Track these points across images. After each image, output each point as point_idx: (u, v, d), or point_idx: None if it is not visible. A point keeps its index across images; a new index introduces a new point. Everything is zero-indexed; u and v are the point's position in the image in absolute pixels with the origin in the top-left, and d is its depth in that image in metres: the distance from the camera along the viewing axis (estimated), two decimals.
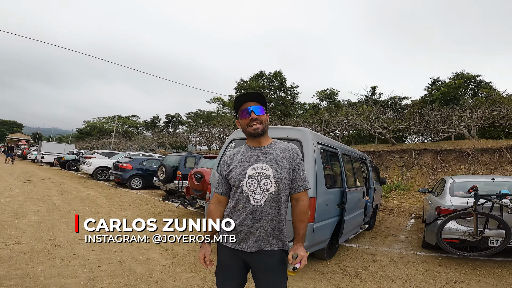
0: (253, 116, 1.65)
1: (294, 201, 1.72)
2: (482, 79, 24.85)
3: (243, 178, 1.64)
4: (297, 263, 1.61)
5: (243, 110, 1.68)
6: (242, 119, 1.70)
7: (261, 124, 1.67)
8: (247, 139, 1.77)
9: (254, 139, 1.71)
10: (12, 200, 7.31)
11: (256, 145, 1.72)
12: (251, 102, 1.69)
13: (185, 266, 3.77)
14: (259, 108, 1.68)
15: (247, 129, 1.69)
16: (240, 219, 1.64)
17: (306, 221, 1.71)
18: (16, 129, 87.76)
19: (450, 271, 4.27)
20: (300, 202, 1.69)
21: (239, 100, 1.71)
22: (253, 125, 1.66)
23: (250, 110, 1.66)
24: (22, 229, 4.85)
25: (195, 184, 6.73)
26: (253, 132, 1.67)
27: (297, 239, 1.67)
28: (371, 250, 5.13)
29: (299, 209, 1.69)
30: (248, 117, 1.66)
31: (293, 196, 1.71)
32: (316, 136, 4.01)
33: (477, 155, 11.66)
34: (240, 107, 1.70)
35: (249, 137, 1.73)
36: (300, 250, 1.64)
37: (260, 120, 1.67)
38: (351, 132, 23.59)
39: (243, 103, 1.70)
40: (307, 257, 1.70)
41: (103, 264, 3.61)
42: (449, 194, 4.92)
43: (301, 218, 1.68)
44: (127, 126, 52.88)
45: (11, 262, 3.44)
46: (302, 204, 1.69)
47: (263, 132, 1.68)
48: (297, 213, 1.69)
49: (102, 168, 14.34)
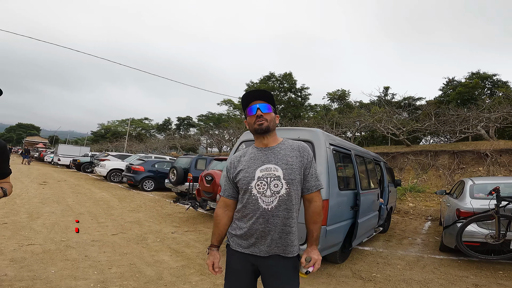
0: (259, 113, 1.59)
1: (307, 202, 1.64)
2: (499, 78, 24.15)
3: (251, 180, 1.57)
4: (310, 267, 1.55)
5: (249, 108, 1.63)
6: (248, 117, 1.65)
7: (265, 121, 1.60)
8: (255, 139, 1.70)
9: (261, 139, 1.65)
10: (28, 201, 7.46)
11: (264, 145, 1.65)
12: (257, 101, 1.63)
13: (194, 269, 3.72)
14: (265, 106, 1.61)
15: (253, 126, 1.63)
16: (250, 223, 1.57)
17: (320, 223, 1.63)
18: (34, 132, 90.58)
19: (471, 274, 4.09)
20: (313, 203, 1.62)
21: (245, 99, 1.65)
22: (259, 122, 1.60)
23: (256, 107, 1.60)
24: (36, 230, 4.92)
25: (205, 186, 6.70)
26: (257, 127, 1.60)
27: (311, 241, 1.60)
28: (385, 253, 4.97)
29: (312, 210, 1.61)
30: (254, 115, 1.61)
31: (306, 197, 1.63)
32: (329, 137, 3.90)
33: (496, 156, 11.24)
34: (247, 106, 1.65)
35: (256, 135, 1.67)
36: (314, 253, 1.57)
37: (266, 117, 1.60)
38: (363, 133, 23.22)
39: (250, 102, 1.64)
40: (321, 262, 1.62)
41: (114, 266, 3.60)
42: (469, 196, 4.72)
43: (314, 219, 1.61)
44: (140, 129, 53.75)
45: (23, 263, 3.47)
46: (315, 205, 1.62)
47: (267, 129, 1.60)
48: (310, 214, 1.62)
49: (116, 170, 14.57)
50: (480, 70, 24.53)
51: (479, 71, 24.60)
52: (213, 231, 1.71)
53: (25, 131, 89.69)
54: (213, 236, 1.70)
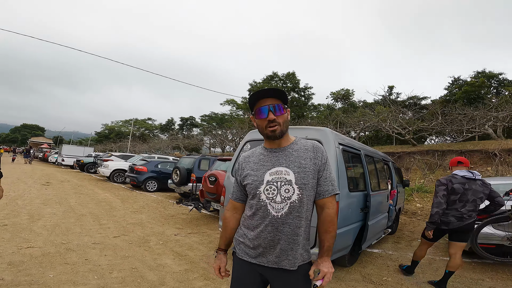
0: (271, 117, 1.42)
1: (319, 209, 1.49)
2: (505, 77, 23.85)
3: (260, 184, 1.43)
4: (318, 280, 1.38)
5: (259, 108, 1.44)
6: (258, 119, 1.46)
7: (279, 125, 1.43)
8: (264, 140, 1.55)
9: (272, 141, 1.50)
10: (30, 202, 7.38)
11: (274, 146, 1.50)
12: (268, 99, 1.44)
13: (198, 273, 3.58)
14: (277, 106, 1.43)
15: (264, 131, 1.46)
16: (258, 230, 1.43)
17: (333, 232, 1.45)
18: (38, 132, 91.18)
19: (486, 277, 3.93)
20: (326, 209, 1.46)
21: (254, 97, 1.46)
22: (271, 127, 1.43)
23: (267, 110, 1.42)
24: (37, 232, 4.81)
25: (209, 187, 6.57)
26: (270, 134, 1.44)
27: (322, 252, 1.44)
28: (395, 256, 4.80)
29: (324, 218, 1.45)
30: (265, 118, 1.43)
31: (318, 203, 1.48)
32: (338, 136, 3.75)
33: (504, 156, 11.00)
34: (256, 104, 1.46)
35: (267, 139, 1.52)
36: (324, 265, 1.41)
37: (279, 121, 1.43)
38: (367, 133, 22.99)
39: (259, 99, 1.45)
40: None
41: (115, 270, 3.47)
42: None
43: (326, 228, 1.45)
44: (143, 129, 53.80)
45: (22, 267, 3.35)
46: (327, 212, 1.45)
47: (281, 134, 1.45)
48: (322, 222, 1.46)
49: (119, 170, 14.49)
50: (486, 69, 24.29)
51: (485, 70, 24.34)
52: (221, 235, 1.60)
53: (30, 131, 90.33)
54: (220, 240, 1.60)
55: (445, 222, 3.38)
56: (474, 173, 3.42)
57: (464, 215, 3.31)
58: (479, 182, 3.39)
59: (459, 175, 3.41)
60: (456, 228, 3.36)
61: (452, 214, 3.35)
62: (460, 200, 3.34)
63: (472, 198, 3.32)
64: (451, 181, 3.38)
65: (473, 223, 3.37)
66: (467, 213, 3.31)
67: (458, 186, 3.34)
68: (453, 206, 3.36)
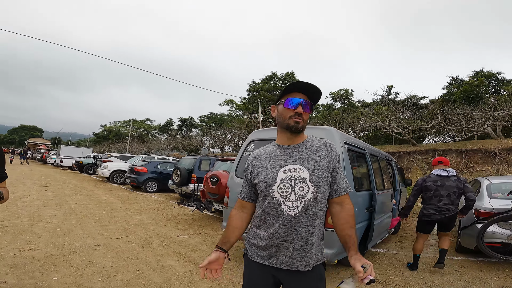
0: (300, 110, 1.39)
1: (337, 206, 1.46)
2: (503, 76, 23.95)
3: (273, 182, 1.39)
4: (369, 274, 1.25)
5: (290, 99, 1.41)
6: (284, 108, 1.42)
7: (303, 121, 1.42)
8: (278, 135, 1.51)
9: (287, 135, 1.46)
10: (30, 204, 7.32)
11: (288, 143, 1.46)
12: (303, 94, 1.42)
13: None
14: (309, 104, 1.42)
15: (286, 120, 1.42)
16: (271, 230, 1.39)
17: (355, 226, 1.44)
18: (36, 134, 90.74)
19: (493, 276, 3.92)
20: (345, 205, 1.44)
21: (291, 86, 1.42)
22: (297, 118, 1.40)
23: (299, 102, 1.39)
24: (38, 234, 4.76)
25: (211, 188, 6.53)
26: (293, 124, 1.41)
27: (354, 247, 1.36)
28: (400, 255, 4.79)
29: (346, 214, 1.43)
30: (293, 109, 1.40)
31: (335, 200, 1.45)
32: (343, 136, 3.73)
33: (504, 155, 11.03)
34: (290, 94, 1.43)
35: (284, 131, 1.47)
36: (363, 258, 1.33)
37: (304, 118, 1.42)
38: (366, 133, 23.02)
39: (293, 91, 1.43)
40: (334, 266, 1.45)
41: (119, 273, 3.43)
42: (487, 196, 4.55)
43: (351, 223, 1.42)
44: (142, 130, 53.66)
45: (24, 269, 3.31)
46: (348, 207, 1.44)
47: (302, 129, 1.44)
48: (345, 218, 1.42)
49: (118, 171, 14.42)
50: (484, 69, 24.36)
51: (483, 69, 24.41)
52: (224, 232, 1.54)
53: (28, 132, 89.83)
54: (221, 237, 1.53)
55: (427, 215, 3.88)
56: (448, 170, 3.85)
57: (441, 208, 3.77)
58: (453, 178, 3.80)
59: (434, 174, 3.91)
60: (437, 220, 3.84)
61: (431, 208, 3.83)
62: (435, 196, 3.81)
63: (446, 193, 3.76)
64: (425, 180, 3.93)
65: (452, 216, 3.79)
66: (443, 206, 3.76)
67: (431, 184, 3.86)
68: (431, 201, 3.86)
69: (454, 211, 3.78)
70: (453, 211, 3.77)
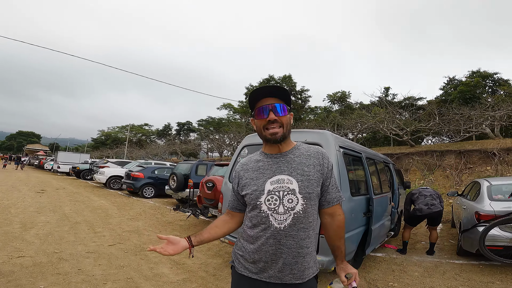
0: (272, 117, 1.29)
1: (328, 217, 1.39)
2: (500, 76, 23.98)
3: (260, 194, 1.30)
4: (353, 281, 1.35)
5: (259, 108, 1.32)
6: (258, 119, 1.34)
7: (281, 127, 1.31)
8: (263, 144, 1.43)
9: (272, 145, 1.37)
10: (23, 210, 7.19)
11: (275, 151, 1.37)
12: (270, 98, 1.32)
13: (196, 283, 3.44)
14: (280, 106, 1.31)
15: (263, 132, 1.33)
16: (259, 243, 1.30)
17: (344, 237, 1.42)
18: (34, 139, 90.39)
19: (496, 280, 3.81)
20: (337, 216, 1.39)
21: (255, 95, 1.34)
22: (271, 128, 1.30)
23: (268, 109, 1.30)
24: (29, 241, 4.65)
25: (206, 193, 6.43)
26: (270, 137, 1.32)
27: (341, 257, 1.41)
28: (400, 260, 4.68)
29: (336, 225, 1.39)
30: (265, 118, 1.30)
31: (326, 211, 1.38)
32: (338, 139, 3.64)
33: (503, 155, 10.96)
34: (257, 104, 1.34)
35: (266, 143, 1.39)
36: (350, 267, 1.38)
37: (281, 122, 1.30)
38: (365, 134, 22.97)
39: (260, 99, 1.33)
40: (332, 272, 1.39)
41: (109, 281, 3.32)
42: (487, 198, 4.45)
43: (340, 234, 1.40)
44: (140, 135, 53.48)
45: (11, 277, 3.19)
46: (339, 218, 1.39)
47: (283, 138, 1.32)
48: (335, 229, 1.39)
49: (115, 177, 14.29)
50: (481, 69, 24.40)
51: (480, 69, 24.45)
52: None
53: (26, 138, 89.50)
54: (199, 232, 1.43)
55: (419, 209, 4.87)
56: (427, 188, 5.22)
57: (428, 202, 4.84)
58: (429, 189, 5.14)
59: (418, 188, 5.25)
60: (427, 215, 4.81)
61: (422, 204, 4.87)
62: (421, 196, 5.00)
63: (428, 194, 4.99)
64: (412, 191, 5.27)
65: (439, 212, 4.79)
66: (430, 201, 4.85)
67: (416, 191, 5.17)
68: (419, 200, 4.96)
69: (439, 208, 4.79)
70: (438, 207, 4.79)
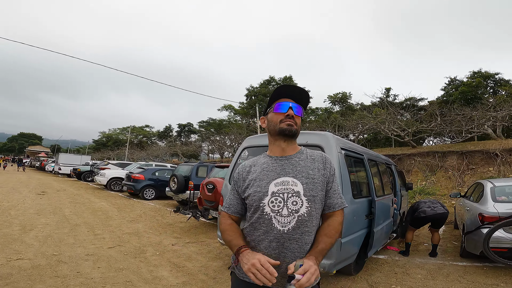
0: (291, 112, 1.31)
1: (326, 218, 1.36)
2: (502, 77, 23.85)
3: (264, 196, 1.27)
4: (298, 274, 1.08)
5: (279, 103, 1.34)
6: (274, 113, 1.34)
7: (296, 124, 1.32)
8: (270, 144, 1.40)
9: (280, 143, 1.34)
10: (23, 212, 7.16)
11: (280, 153, 1.35)
12: (291, 99, 1.35)
13: (196, 286, 3.39)
14: (298, 108, 1.36)
15: (279, 125, 1.32)
16: (261, 247, 1.26)
17: (332, 238, 1.28)
18: (36, 141, 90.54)
19: (501, 282, 3.76)
20: (333, 217, 1.33)
21: (278, 92, 1.36)
22: (288, 121, 1.31)
23: (289, 105, 1.32)
24: (28, 244, 4.61)
25: (207, 195, 6.39)
26: (286, 127, 1.31)
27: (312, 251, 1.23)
28: (402, 262, 4.62)
29: (329, 223, 1.32)
30: (283, 112, 1.32)
31: (328, 215, 1.35)
32: (339, 141, 3.60)
33: (506, 156, 10.88)
34: (277, 101, 1.36)
35: (277, 138, 1.36)
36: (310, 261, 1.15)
37: (295, 121, 1.33)
38: (366, 136, 22.89)
39: (281, 97, 1.36)
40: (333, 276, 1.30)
41: (108, 284, 3.28)
42: (491, 200, 4.39)
43: (327, 231, 1.28)
44: (141, 137, 53.50)
45: (9, 280, 3.16)
46: (334, 218, 1.33)
47: (296, 133, 1.34)
48: (325, 226, 1.31)
49: (116, 179, 14.27)
50: (482, 69, 24.29)
51: (481, 69, 24.34)
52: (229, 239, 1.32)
53: (27, 140, 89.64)
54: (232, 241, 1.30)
55: (423, 211, 4.86)
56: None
57: (431, 205, 4.92)
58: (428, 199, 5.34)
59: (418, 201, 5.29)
60: (431, 216, 4.79)
61: (425, 207, 4.91)
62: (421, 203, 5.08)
63: (427, 201, 5.10)
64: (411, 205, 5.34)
65: (443, 214, 4.77)
66: (432, 205, 4.92)
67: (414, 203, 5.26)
68: (421, 205, 5.01)
69: (441, 211, 4.78)
70: (441, 210, 4.79)
